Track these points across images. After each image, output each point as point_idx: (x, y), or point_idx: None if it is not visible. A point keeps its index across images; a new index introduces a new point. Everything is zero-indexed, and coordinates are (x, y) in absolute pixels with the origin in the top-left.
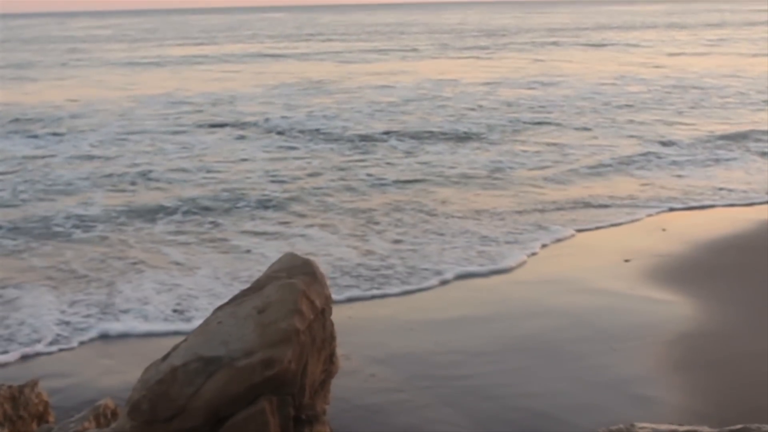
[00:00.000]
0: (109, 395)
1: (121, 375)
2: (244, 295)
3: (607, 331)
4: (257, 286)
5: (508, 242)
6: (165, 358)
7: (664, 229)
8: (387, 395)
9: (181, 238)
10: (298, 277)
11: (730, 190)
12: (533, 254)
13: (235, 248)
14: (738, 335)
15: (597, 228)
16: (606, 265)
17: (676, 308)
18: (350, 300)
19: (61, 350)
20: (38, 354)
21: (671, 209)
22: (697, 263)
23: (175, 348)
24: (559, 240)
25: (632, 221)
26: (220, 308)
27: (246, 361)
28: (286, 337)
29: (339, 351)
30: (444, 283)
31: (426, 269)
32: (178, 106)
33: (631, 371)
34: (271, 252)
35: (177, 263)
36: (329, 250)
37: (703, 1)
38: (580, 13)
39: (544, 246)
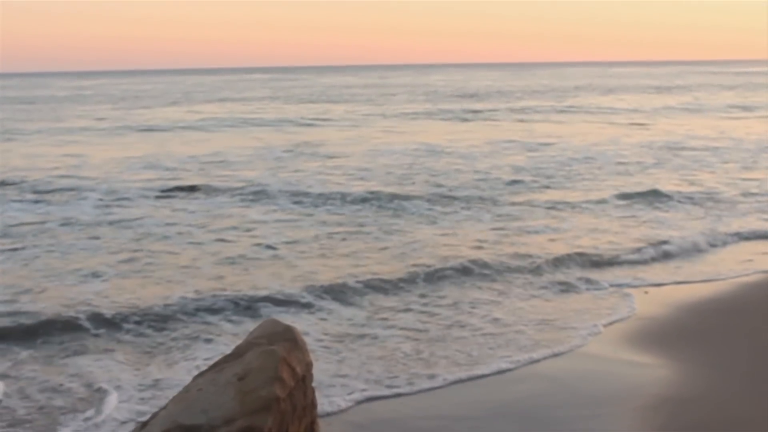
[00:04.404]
0: None
1: None
2: (224, 361)
3: (591, 395)
4: (238, 353)
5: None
6: (144, 426)
7: (646, 292)
8: None
9: (222, 323)
10: (279, 343)
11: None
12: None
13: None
14: (720, 400)
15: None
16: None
17: (658, 372)
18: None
19: None
20: None
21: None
22: (679, 326)
23: (155, 416)
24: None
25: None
26: (200, 375)
27: (226, 429)
28: (266, 405)
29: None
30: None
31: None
32: (165, 170)
33: None
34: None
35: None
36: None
37: (676, 64)
38: (558, 76)
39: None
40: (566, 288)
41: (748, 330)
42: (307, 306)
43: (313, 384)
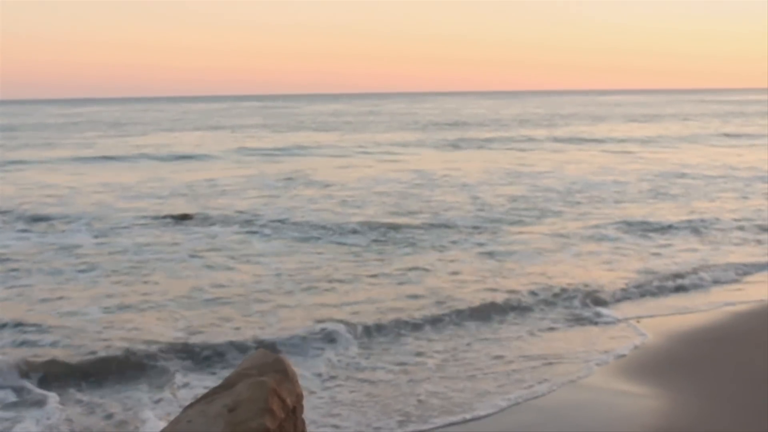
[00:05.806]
0: None
1: None
2: (214, 392)
3: (584, 426)
4: (227, 384)
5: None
6: None
7: (637, 321)
8: None
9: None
10: (269, 374)
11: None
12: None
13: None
14: (712, 430)
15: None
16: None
17: (650, 402)
18: None
19: None
20: None
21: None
22: (671, 356)
23: None
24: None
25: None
26: (190, 406)
27: None
28: None
29: None
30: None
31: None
32: (157, 198)
33: None
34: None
35: None
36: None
37: (667, 93)
38: (549, 104)
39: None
40: (566, 320)
41: (740, 359)
42: (302, 338)
43: (307, 422)
